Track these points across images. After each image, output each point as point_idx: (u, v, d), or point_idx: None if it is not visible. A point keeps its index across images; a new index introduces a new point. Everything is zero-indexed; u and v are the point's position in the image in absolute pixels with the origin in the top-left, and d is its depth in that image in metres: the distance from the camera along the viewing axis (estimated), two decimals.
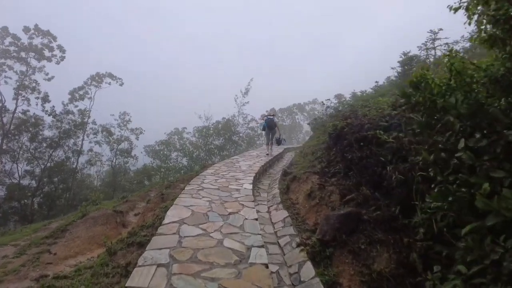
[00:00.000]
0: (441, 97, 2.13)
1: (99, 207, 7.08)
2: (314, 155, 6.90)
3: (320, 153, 6.64)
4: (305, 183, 5.55)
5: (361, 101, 13.13)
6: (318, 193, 4.68)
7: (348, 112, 6.86)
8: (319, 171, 5.74)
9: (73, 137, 25.51)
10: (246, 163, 8.43)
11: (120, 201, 9.36)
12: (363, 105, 7.71)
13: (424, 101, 2.32)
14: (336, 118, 8.27)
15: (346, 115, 5.96)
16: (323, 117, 13.99)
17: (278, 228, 4.27)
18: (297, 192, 5.50)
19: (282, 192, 5.70)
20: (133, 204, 7.55)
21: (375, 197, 3.86)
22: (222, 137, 31.68)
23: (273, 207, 5.13)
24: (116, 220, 6.14)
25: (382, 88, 15.45)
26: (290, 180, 5.88)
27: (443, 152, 2.06)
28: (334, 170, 5.35)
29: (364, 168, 4.44)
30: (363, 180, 4.33)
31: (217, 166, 7.69)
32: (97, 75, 31.00)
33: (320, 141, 10.05)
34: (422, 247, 2.61)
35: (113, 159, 31.46)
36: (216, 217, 3.79)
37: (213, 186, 5.41)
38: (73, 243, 5.12)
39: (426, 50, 13.88)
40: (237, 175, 6.51)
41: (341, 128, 5.48)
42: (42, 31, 22.77)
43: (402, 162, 3.46)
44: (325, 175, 5.51)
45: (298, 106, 50.65)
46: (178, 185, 8.50)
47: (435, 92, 2.21)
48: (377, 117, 4.94)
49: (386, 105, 5.66)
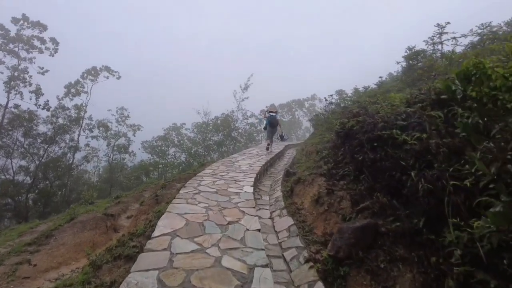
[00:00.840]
0: (508, 91, 1.66)
1: (89, 210, 6.63)
2: (319, 154, 6.45)
3: (325, 153, 6.19)
4: (311, 186, 5.11)
5: (366, 97, 12.67)
6: (327, 198, 4.25)
7: (357, 109, 6.39)
8: (325, 172, 5.30)
9: (69, 133, 24.97)
10: (246, 162, 7.98)
11: (113, 201, 8.93)
12: (371, 102, 7.26)
13: (480, 97, 1.86)
14: (342, 115, 7.80)
15: (355, 113, 5.50)
16: (325, 114, 13.53)
17: (283, 239, 3.84)
18: (302, 196, 5.06)
19: (285, 196, 5.26)
20: (126, 206, 7.11)
21: (392, 206, 3.43)
22: (221, 133, 31.19)
23: (276, 212, 4.70)
24: (107, 225, 5.70)
25: (386, 84, 14.98)
26: (294, 182, 5.44)
27: (510, 164, 1.61)
28: (342, 172, 4.91)
29: (379, 171, 3.99)
30: (378, 185, 3.89)
31: (216, 166, 7.24)
32: (93, 69, 30.36)
33: (324, 139, 9.60)
34: (460, 273, 2.17)
35: (110, 154, 31.00)
36: (213, 228, 3.35)
37: (211, 189, 4.97)
38: (57, 251, 4.68)
39: (433, 44, 13.39)
40: (236, 176, 6.06)
41: (351, 127, 5.02)
42: (31, 21, 22.02)
43: (427, 167, 3.02)
44: (332, 178, 5.08)
45: (297, 102, 50.12)
46: (174, 185, 8.06)
47: (497, 85, 1.75)
48: (391, 115, 4.49)
49: (399, 101, 5.21)
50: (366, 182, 4.22)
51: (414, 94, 5.04)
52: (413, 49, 13.75)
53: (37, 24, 22.30)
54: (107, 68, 30.95)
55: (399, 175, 3.46)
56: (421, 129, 3.60)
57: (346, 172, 4.86)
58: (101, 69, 30.78)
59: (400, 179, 3.42)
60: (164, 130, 30.71)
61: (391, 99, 5.60)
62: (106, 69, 30.91)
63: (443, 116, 3.58)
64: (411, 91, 5.57)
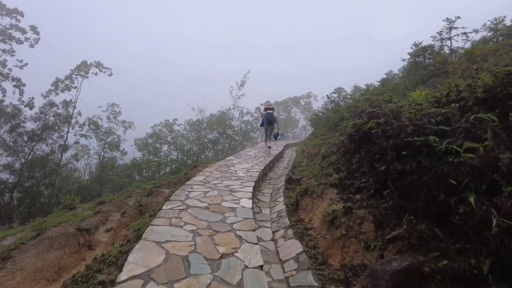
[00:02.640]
0: None
1: (62, 221, 5.75)
2: (327, 160, 5.66)
3: (334, 158, 5.39)
4: (320, 199, 4.32)
5: (369, 95, 11.91)
6: (344, 219, 3.45)
7: (369, 108, 5.60)
8: (337, 183, 4.50)
9: (57, 130, 23.86)
10: (243, 166, 7.16)
11: (95, 208, 8.04)
12: (384, 100, 6.49)
13: None
14: (352, 114, 6.99)
15: (371, 113, 4.69)
16: (326, 112, 12.74)
17: (290, 272, 3.04)
18: (310, 211, 4.26)
19: (290, 210, 4.46)
20: (106, 216, 6.24)
21: (435, 235, 2.65)
22: (215, 131, 30.28)
23: (280, 232, 3.89)
24: (79, 242, 4.84)
25: (390, 81, 14.25)
26: (300, 193, 4.64)
27: None
28: (359, 183, 4.12)
29: (409, 187, 3.21)
30: (409, 205, 3.11)
31: (209, 171, 6.40)
32: (84, 64, 29.22)
33: (327, 140, 8.82)
34: None
35: (101, 152, 29.91)
36: (201, 266, 2.53)
37: (201, 203, 4.13)
38: (12, 279, 3.82)
39: (441, 40, 12.66)
40: (232, 184, 5.24)
41: (368, 129, 4.22)
42: (7, 9, 20.66)
43: (489, 191, 2.24)
44: (346, 190, 4.28)
45: (293, 100, 49.36)
46: (161, 191, 7.22)
47: None
48: (421, 116, 3.70)
49: (423, 100, 4.42)
50: (391, 198, 3.43)
51: (443, 92, 4.27)
52: (419, 45, 13.01)
53: (13, 12, 20.93)
54: (99, 64, 29.82)
55: (443, 197, 2.67)
56: (470, 136, 2.82)
57: (364, 184, 4.07)
58: (92, 64, 29.66)
59: (446, 201, 2.64)
60: (155, 126, 29.59)
61: (414, 97, 4.80)
62: (97, 64, 29.78)
63: (496, 119, 2.81)
64: (440, 88, 4.78)
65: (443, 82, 6.40)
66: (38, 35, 24.60)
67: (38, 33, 24.58)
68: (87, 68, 29.01)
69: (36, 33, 24.29)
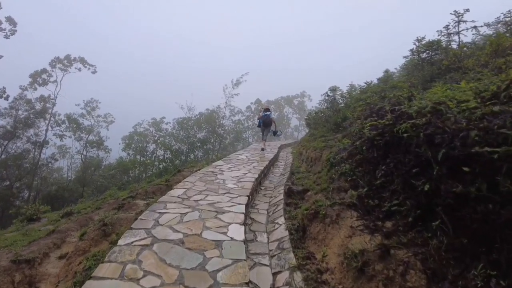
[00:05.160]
0: None
1: (2, 247, 4.52)
2: (336, 169, 4.58)
3: (346, 167, 4.32)
4: (336, 226, 3.24)
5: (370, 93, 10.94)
6: (380, 267, 2.38)
7: (390, 105, 4.53)
8: (356, 202, 3.44)
9: (32, 126, 22.16)
10: (233, 173, 6.04)
11: (54, 223, 6.78)
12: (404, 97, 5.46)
13: None
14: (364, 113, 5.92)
15: (400, 112, 3.62)
16: (325, 111, 11.71)
17: None
18: (323, 242, 3.19)
19: (294, 239, 3.37)
20: (63, 237, 5.04)
21: None
22: (205, 130, 28.99)
23: (282, 276, 2.79)
24: (13, 280, 3.64)
25: (393, 79, 13.33)
26: (307, 217, 3.55)
27: None
28: (389, 206, 3.06)
29: (477, 222, 2.17)
30: (478, 248, 2.08)
31: (191, 182, 5.24)
32: (67, 57, 27.51)
33: (329, 142, 7.77)
34: None
35: (83, 151, 28.24)
36: None
37: (174, 233, 2.99)
38: None
39: (448, 35, 11.78)
40: (219, 201, 4.12)
41: (402, 132, 3.16)
42: None
43: None
44: (370, 214, 3.22)
45: (285, 99, 48.34)
46: (134, 203, 6.02)
47: None
48: (481, 117, 2.68)
49: (470, 96, 3.40)
50: (444, 234, 2.41)
51: (500, 84, 3.25)
52: (421, 41, 12.10)
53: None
54: (82, 59, 28.16)
55: None
56: None
57: (397, 208, 3.02)
58: (75, 59, 27.98)
59: None
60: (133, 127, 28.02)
61: (460, 90, 3.73)
62: (81, 60, 28.12)
63: None
64: (487, 81, 3.75)
65: (483, 76, 5.41)
66: (15, 26, 22.93)
67: (15, 24, 22.90)
68: (70, 63, 27.34)
69: (13, 23, 22.61)
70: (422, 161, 2.93)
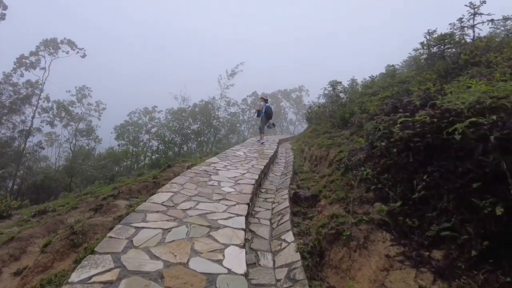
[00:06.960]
0: None
1: None
2: (354, 173, 3.83)
3: (368, 172, 3.58)
4: (364, 253, 2.50)
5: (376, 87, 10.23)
6: None
7: (418, 99, 3.76)
8: (388, 221, 2.70)
9: (17, 113, 20.98)
10: (230, 173, 5.26)
11: (25, 225, 5.96)
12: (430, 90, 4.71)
13: None
14: (377, 108, 5.17)
15: (449, 110, 2.84)
16: (328, 106, 10.94)
17: None
18: (347, 274, 2.45)
19: (309, 266, 2.62)
20: (24, 246, 4.24)
21: None
22: (199, 121, 28.03)
23: None
24: None
25: (401, 74, 12.60)
26: (326, 238, 2.80)
27: None
28: (437, 229, 2.32)
29: None
30: None
31: (179, 183, 4.42)
32: (53, 40, 26.09)
33: (336, 140, 7.03)
34: None
35: (72, 140, 27.09)
36: None
37: (150, 262, 2.21)
38: None
39: (462, 28, 11.04)
40: (212, 210, 3.35)
41: (459, 133, 2.41)
42: None
43: None
44: (409, 237, 2.48)
45: (283, 93, 47.34)
46: (115, 205, 5.21)
47: None
48: None
49: None
50: None
51: None
52: (432, 34, 11.34)
53: None
54: (70, 42, 26.75)
55: None
56: None
57: (447, 232, 2.29)
58: (63, 41, 26.57)
59: None
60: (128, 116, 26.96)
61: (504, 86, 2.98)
62: (69, 43, 26.70)
63: None
64: None
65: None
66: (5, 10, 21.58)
67: (5, 7, 21.55)
68: (57, 46, 25.97)
69: (3, 7, 21.26)
70: (487, 173, 2.20)
